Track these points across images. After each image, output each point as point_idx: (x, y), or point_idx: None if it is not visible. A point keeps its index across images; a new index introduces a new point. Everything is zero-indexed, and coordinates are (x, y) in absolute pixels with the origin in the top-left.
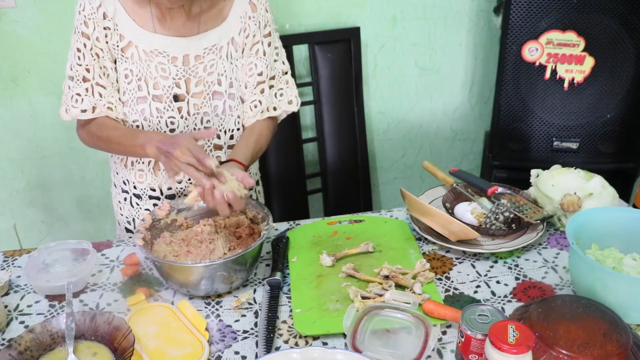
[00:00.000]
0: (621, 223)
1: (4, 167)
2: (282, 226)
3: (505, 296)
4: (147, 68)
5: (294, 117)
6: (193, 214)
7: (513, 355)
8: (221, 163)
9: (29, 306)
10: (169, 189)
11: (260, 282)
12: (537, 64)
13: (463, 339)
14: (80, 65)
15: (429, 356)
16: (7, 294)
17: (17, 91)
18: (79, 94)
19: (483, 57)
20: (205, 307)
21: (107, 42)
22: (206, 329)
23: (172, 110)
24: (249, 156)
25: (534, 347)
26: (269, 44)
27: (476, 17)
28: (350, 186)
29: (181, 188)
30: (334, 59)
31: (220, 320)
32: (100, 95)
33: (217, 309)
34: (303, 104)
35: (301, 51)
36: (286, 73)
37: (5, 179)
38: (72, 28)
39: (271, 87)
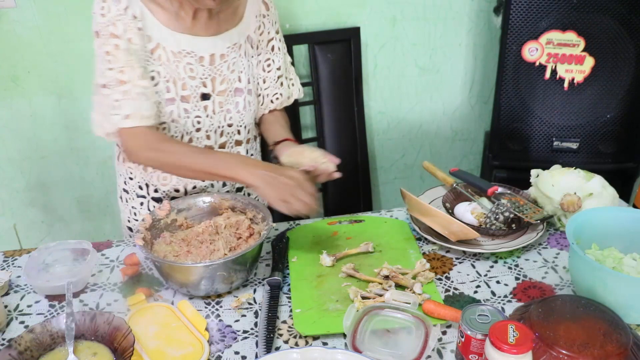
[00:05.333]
0: (621, 223)
1: (4, 167)
2: (282, 226)
3: (505, 296)
4: (175, 69)
5: (294, 117)
6: (193, 214)
7: (513, 355)
8: (276, 143)
9: (29, 306)
10: (194, 187)
11: (260, 282)
12: (537, 64)
13: (463, 339)
14: (111, 69)
15: (429, 356)
16: (7, 294)
17: (17, 91)
18: (117, 100)
19: (483, 57)
20: (205, 307)
21: (140, 42)
22: (206, 329)
23: (199, 109)
24: (293, 137)
25: (534, 347)
26: (280, 40)
27: (476, 17)
28: (350, 186)
29: (205, 185)
30: (334, 59)
31: (220, 320)
32: (144, 95)
33: (217, 309)
34: (303, 104)
35: (301, 51)
36: (291, 64)
37: (5, 179)
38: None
39: (287, 78)
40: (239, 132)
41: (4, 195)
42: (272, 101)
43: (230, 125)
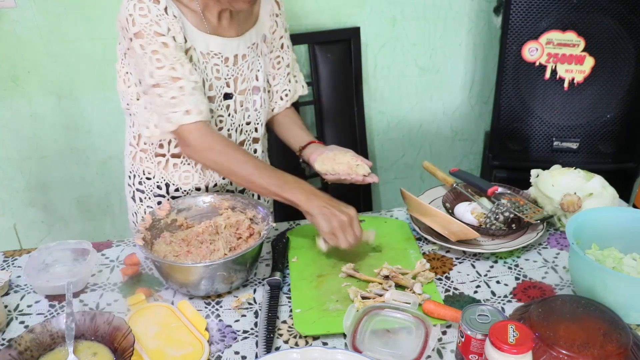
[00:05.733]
0: (621, 223)
1: (4, 167)
2: (282, 226)
3: (505, 296)
4: (204, 70)
5: None
6: (193, 214)
7: (513, 355)
8: (302, 148)
9: (29, 306)
10: (215, 185)
11: (260, 282)
12: (537, 64)
13: (463, 339)
14: (162, 67)
15: (429, 356)
16: (7, 294)
17: (17, 91)
18: (173, 97)
19: (483, 57)
20: (205, 307)
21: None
22: (206, 329)
23: (222, 109)
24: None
25: (534, 347)
26: (288, 37)
27: (476, 17)
28: (350, 186)
29: (225, 183)
30: (334, 59)
31: (220, 320)
32: (198, 90)
33: (217, 309)
34: (303, 104)
35: (301, 51)
36: (295, 60)
37: (5, 179)
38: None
39: (293, 75)
40: (256, 130)
41: (4, 195)
42: (281, 98)
43: (248, 124)
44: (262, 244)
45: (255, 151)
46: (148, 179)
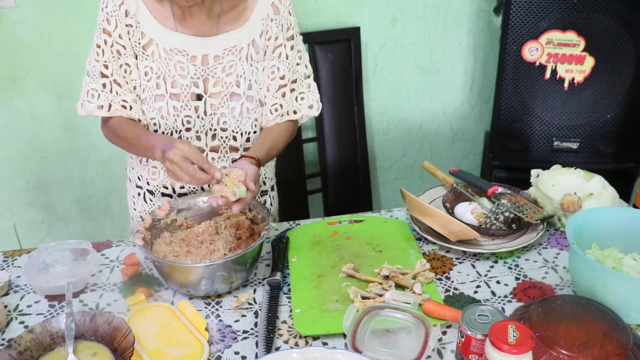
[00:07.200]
0: (621, 223)
1: (4, 167)
2: (282, 226)
3: (505, 296)
4: (166, 66)
5: None
6: (193, 214)
7: (513, 355)
8: (234, 160)
9: (28, 306)
10: (182, 187)
11: (260, 282)
12: (537, 64)
13: (463, 339)
14: (98, 61)
15: (429, 356)
16: (7, 294)
17: (17, 91)
18: (95, 90)
19: (483, 57)
20: (205, 307)
21: (129, 39)
22: (206, 329)
23: (189, 109)
24: (263, 153)
25: (534, 347)
26: (292, 47)
27: (476, 17)
28: (350, 186)
29: (193, 187)
30: (334, 59)
31: (220, 320)
32: (117, 92)
33: (217, 309)
34: None
35: None
36: (308, 77)
37: (5, 179)
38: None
39: (292, 90)
40: (234, 138)
41: (4, 195)
42: (270, 111)
43: (224, 130)
44: (262, 244)
45: (233, 160)
46: (132, 168)
